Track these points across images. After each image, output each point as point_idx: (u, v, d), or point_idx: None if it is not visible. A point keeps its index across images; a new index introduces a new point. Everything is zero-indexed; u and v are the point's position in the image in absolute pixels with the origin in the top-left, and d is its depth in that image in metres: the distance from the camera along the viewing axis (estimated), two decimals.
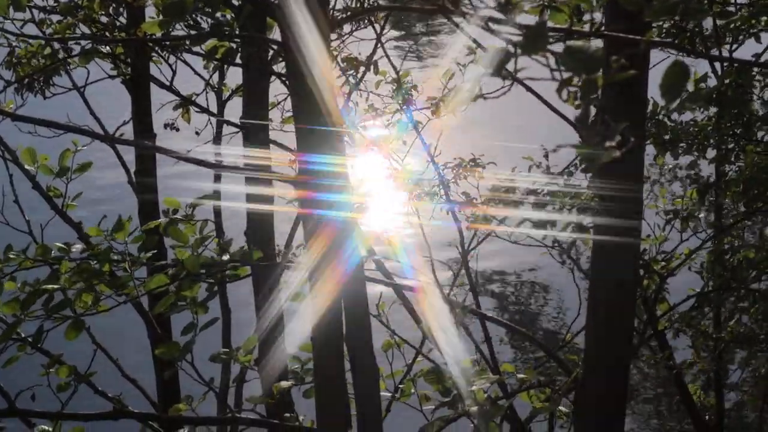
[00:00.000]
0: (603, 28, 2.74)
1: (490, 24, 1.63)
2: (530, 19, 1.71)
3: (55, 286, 4.31)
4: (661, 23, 6.55)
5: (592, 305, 4.01)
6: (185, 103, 7.03)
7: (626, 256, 3.94)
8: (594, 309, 4.00)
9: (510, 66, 1.56)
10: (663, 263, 6.98)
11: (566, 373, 5.76)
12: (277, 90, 6.53)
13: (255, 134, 5.13)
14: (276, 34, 5.33)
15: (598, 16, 1.86)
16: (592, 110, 1.49)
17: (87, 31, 6.42)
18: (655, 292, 6.92)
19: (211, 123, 7.10)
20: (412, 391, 5.24)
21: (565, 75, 1.41)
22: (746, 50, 7.59)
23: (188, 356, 4.37)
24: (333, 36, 6.04)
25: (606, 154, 1.30)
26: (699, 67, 6.41)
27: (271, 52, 5.48)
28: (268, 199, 5.37)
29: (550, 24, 1.71)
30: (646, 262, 6.87)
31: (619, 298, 3.95)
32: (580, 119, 1.37)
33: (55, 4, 6.37)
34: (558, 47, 1.47)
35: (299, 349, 4.89)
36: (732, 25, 6.74)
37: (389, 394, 5.34)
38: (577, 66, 1.35)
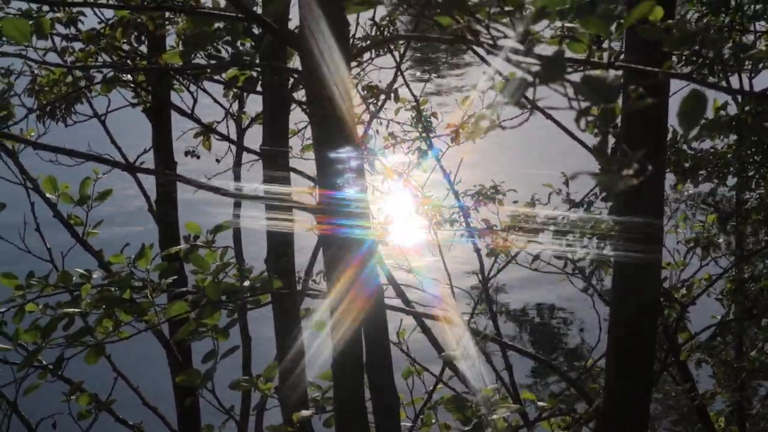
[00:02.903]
0: (622, 56, 2.74)
1: (510, 54, 1.63)
2: (549, 50, 1.72)
3: (76, 310, 4.33)
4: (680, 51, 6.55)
5: (613, 333, 4.01)
6: (206, 130, 7.05)
7: (647, 284, 3.93)
8: (615, 337, 3.99)
9: (529, 95, 1.57)
10: (684, 291, 6.96)
11: (587, 401, 5.74)
12: (297, 118, 6.56)
13: (275, 162, 5.14)
14: (296, 63, 5.35)
15: (616, 45, 1.86)
16: (611, 139, 1.50)
17: (108, 59, 6.45)
18: (676, 320, 6.90)
19: (231, 150, 7.12)
20: (433, 421, 5.24)
21: (584, 104, 1.41)
22: (767, 77, 7.58)
23: (208, 384, 4.37)
24: (353, 64, 6.06)
25: (624, 182, 1.30)
26: (719, 94, 6.40)
27: (291, 81, 5.50)
28: (289, 227, 5.39)
29: (568, 54, 1.72)
30: (667, 290, 6.85)
31: (639, 326, 3.94)
32: (599, 148, 1.37)
33: (77, 33, 6.41)
34: (576, 77, 1.47)
35: (319, 377, 4.89)
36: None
37: (410, 423, 5.33)
38: (594, 95, 1.35)
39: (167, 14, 6.06)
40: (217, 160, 7.37)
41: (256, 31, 5.02)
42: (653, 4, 1.50)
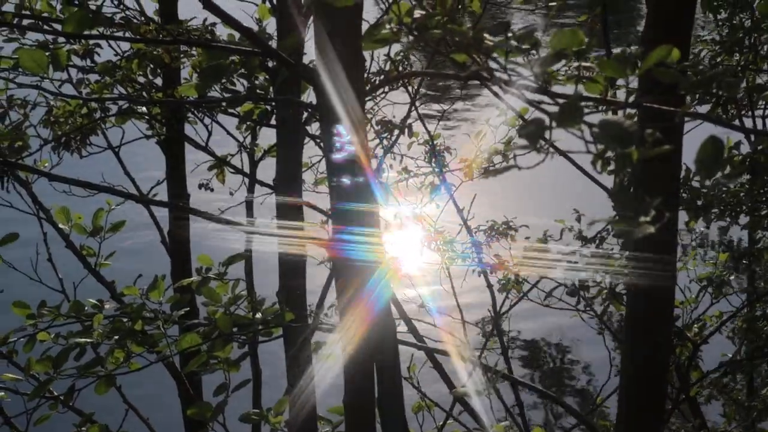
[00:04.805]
0: (637, 95, 2.75)
1: (525, 93, 1.64)
2: (564, 89, 1.72)
3: (88, 340, 4.34)
4: None
5: (624, 371, 4.00)
6: (220, 163, 7.07)
7: (659, 322, 3.93)
8: (627, 375, 3.98)
9: (546, 135, 1.57)
10: (696, 330, 6.96)
11: None
12: (310, 152, 6.58)
13: (288, 196, 5.15)
14: (309, 96, 5.37)
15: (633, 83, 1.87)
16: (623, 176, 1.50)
17: (124, 91, 6.47)
18: (688, 359, 6.89)
19: (245, 183, 7.13)
20: None
21: (600, 146, 1.42)
22: None
23: (219, 417, 4.37)
24: (367, 98, 6.08)
25: (641, 230, 1.30)
26: (732, 132, 6.40)
27: (305, 114, 5.52)
28: (301, 260, 5.39)
29: (584, 93, 1.72)
30: (680, 329, 6.85)
31: (651, 364, 3.94)
32: (616, 193, 1.37)
33: (93, 65, 6.43)
34: (593, 117, 1.48)
35: (329, 411, 4.88)
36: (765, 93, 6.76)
37: None
38: (612, 140, 1.36)
39: (183, 47, 6.09)
40: (231, 193, 7.38)
41: (270, 64, 5.05)
42: (672, 48, 1.51)
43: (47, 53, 4.04)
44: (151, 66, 6.31)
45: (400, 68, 6.88)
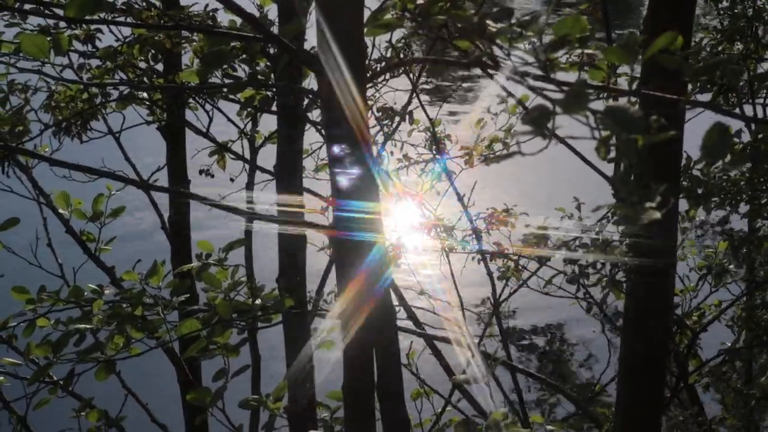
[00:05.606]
0: (639, 82, 2.75)
1: (530, 80, 1.64)
2: (567, 77, 1.72)
3: (87, 326, 4.33)
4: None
5: (623, 359, 4.01)
6: (221, 149, 7.06)
7: (659, 310, 3.93)
8: (626, 362, 3.99)
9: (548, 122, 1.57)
10: (695, 318, 6.97)
11: (596, 425, 5.74)
12: (311, 138, 6.58)
13: (288, 181, 5.15)
14: (311, 83, 5.37)
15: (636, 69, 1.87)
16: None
17: (125, 76, 6.47)
18: (687, 347, 6.90)
19: (245, 169, 7.13)
20: None
21: (604, 133, 1.42)
22: None
23: (218, 402, 4.37)
24: (368, 85, 6.07)
25: (646, 216, 1.30)
26: (732, 120, 6.39)
27: (306, 101, 5.52)
28: (301, 246, 5.39)
29: (588, 81, 1.72)
30: (679, 317, 6.86)
31: (650, 352, 3.94)
32: (619, 179, 1.37)
33: (95, 50, 6.42)
34: (596, 105, 1.48)
35: (327, 396, 4.89)
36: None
37: None
38: (616, 127, 1.36)
39: (184, 33, 6.08)
40: (232, 179, 7.37)
41: (271, 50, 5.04)
42: (677, 35, 1.51)
43: (49, 38, 4.03)
44: (153, 51, 6.30)
45: (402, 55, 6.87)
